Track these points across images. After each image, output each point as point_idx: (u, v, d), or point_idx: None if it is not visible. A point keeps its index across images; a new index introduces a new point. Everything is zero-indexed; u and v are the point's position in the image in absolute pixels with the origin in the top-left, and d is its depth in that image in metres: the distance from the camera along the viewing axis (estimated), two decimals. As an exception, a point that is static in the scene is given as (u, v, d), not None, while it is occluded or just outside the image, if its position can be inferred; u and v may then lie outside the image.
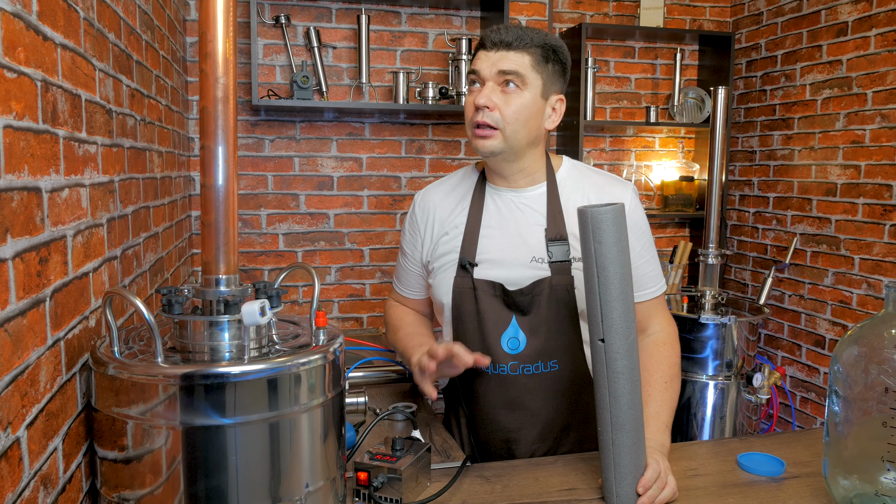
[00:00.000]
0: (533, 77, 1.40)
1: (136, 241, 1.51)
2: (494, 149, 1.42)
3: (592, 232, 1.13)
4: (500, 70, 1.39)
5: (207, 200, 0.99)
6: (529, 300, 1.43)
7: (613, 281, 1.13)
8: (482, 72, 1.41)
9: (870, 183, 2.81)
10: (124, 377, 0.92)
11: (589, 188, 1.51)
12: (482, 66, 1.41)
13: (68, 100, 1.02)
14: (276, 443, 0.96)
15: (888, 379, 1.08)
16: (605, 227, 1.12)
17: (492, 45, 1.41)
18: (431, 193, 1.61)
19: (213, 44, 0.97)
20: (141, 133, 1.59)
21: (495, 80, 1.40)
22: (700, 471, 1.35)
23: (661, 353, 1.47)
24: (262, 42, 3.03)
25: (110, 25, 1.32)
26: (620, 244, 1.13)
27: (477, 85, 1.43)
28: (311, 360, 0.99)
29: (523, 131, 1.42)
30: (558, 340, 1.45)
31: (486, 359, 1.33)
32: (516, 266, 1.45)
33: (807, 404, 3.15)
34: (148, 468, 0.93)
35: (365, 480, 1.20)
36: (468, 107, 1.44)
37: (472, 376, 1.49)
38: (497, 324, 1.44)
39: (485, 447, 1.54)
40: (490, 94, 1.39)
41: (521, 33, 1.40)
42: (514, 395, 1.47)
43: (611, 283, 1.13)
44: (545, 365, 1.45)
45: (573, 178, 1.52)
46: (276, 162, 3.10)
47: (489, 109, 1.39)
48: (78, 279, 1.04)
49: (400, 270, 1.66)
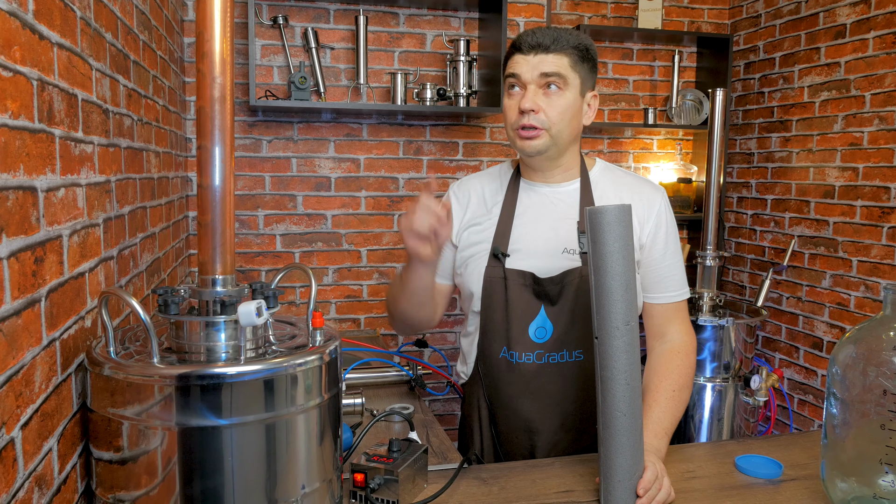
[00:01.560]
0: (572, 77, 1.44)
1: (133, 241, 1.50)
2: (541, 148, 1.46)
3: (598, 230, 1.13)
4: (543, 73, 1.42)
5: (204, 201, 0.99)
6: (559, 289, 1.46)
7: (615, 279, 1.13)
8: (523, 75, 1.44)
9: (868, 185, 2.81)
10: (120, 377, 0.92)
11: (621, 188, 1.55)
12: (522, 70, 1.44)
13: (65, 99, 1.01)
14: (272, 444, 0.96)
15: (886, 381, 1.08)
16: (609, 226, 1.13)
17: (529, 48, 1.44)
18: (469, 181, 1.65)
19: (210, 43, 0.97)
20: (138, 133, 1.59)
21: (537, 83, 1.43)
22: (697, 473, 1.35)
23: (674, 363, 1.47)
24: (260, 43, 3.02)
25: (107, 25, 1.31)
26: (624, 243, 1.13)
27: (516, 89, 1.46)
28: (308, 361, 0.98)
29: (567, 130, 1.46)
30: (584, 330, 1.47)
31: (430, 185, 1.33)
32: (548, 256, 1.48)
33: (804, 406, 3.15)
34: (143, 469, 0.92)
35: (361, 482, 1.20)
36: (510, 110, 1.47)
37: (497, 367, 1.51)
38: (525, 313, 1.47)
39: (506, 440, 1.55)
40: (534, 97, 1.43)
41: (557, 35, 1.43)
42: (538, 384, 1.48)
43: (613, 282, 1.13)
44: (570, 354, 1.47)
45: (606, 177, 1.57)
46: (274, 163, 3.10)
47: (534, 112, 1.43)
48: (74, 279, 1.03)
49: None
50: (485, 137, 3.31)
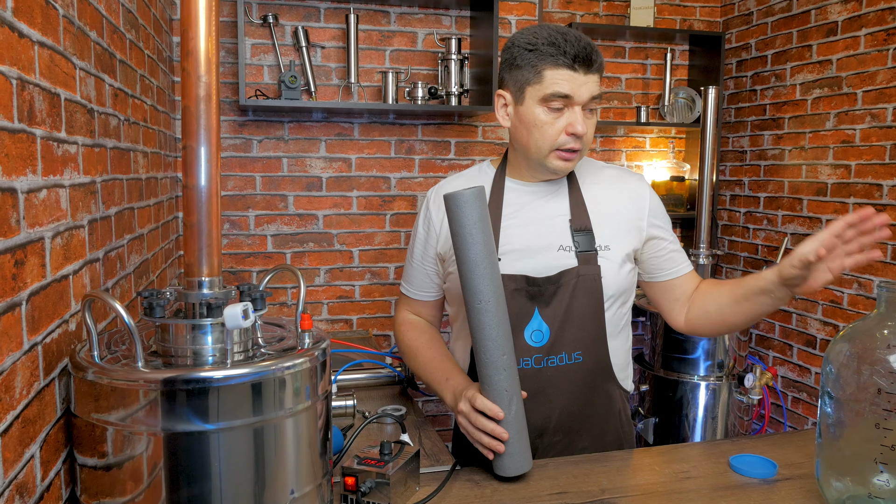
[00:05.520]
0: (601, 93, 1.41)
1: (120, 242, 1.48)
2: (573, 167, 1.45)
3: (455, 214, 1.23)
4: (592, 97, 1.37)
5: (190, 201, 0.97)
6: (554, 290, 1.43)
7: (472, 252, 1.23)
8: (577, 98, 1.36)
9: (860, 182, 2.81)
10: (104, 382, 0.90)
11: (608, 180, 1.54)
12: (578, 92, 1.35)
13: (46, 99, 1.00)
14: (260, 448, 0.94)
15: (881, 380, 1.07)
16: (466, 210, 1.22)
17: (580, 63, 1.35)
18: (447, 187, 1.58)
19: (195, 42, 0.95)
20: (125, 133, 1.57)
21: (583, 104, 1.37)
22: (692, 473, 1.34)
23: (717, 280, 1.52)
24: (250, 42, 3.00)
25: (92, 23, 1.29)
26: (482, 226, 1.23)
27: (560, 108, 1.37)
28: (296, 364, 0.97)
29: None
30: (582, 331, 1.45)
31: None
32: (543, 254, 1.45)
33: (798, 404, 3.15)
34: (129, 476, 0.91)
35: (352, 485, 1.18)
36: (551, 128, 1.39)
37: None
38: (519, 318, 1.43)
39: None
40: (584, 119, 1.37)
41: (592, 47, 1.36)
42: (539, 388, 1.46)
43: (477, 253, 1.23)
44: (569, 357, 1.45)
45: (590, 171, 1.55)
46: (265, 163, 3.08)
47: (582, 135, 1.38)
48: (57, 282, 1.02)
49: (411, 272, 1.61)
50: (477, 136, 3.30)
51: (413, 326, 1.62)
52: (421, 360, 1.54)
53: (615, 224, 1.48)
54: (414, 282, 1.61)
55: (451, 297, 1.57)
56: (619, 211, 1.50)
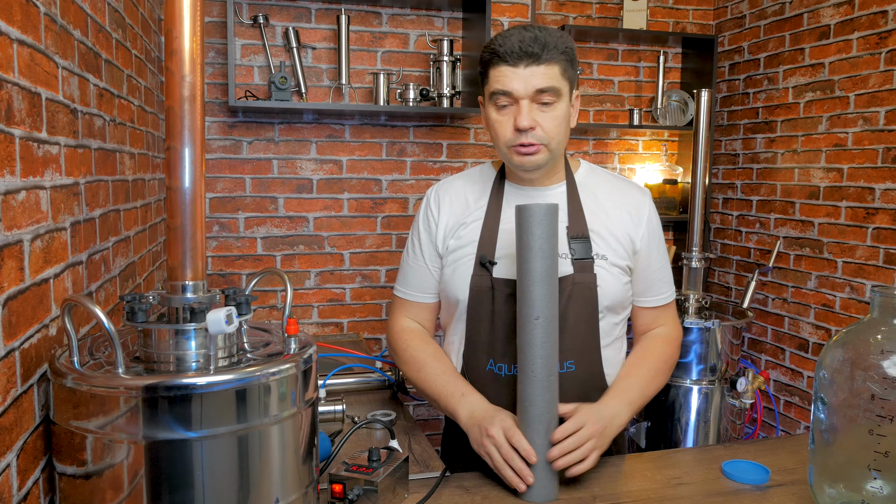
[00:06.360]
0: (563, 85, 1.37)
1: (105, 245, 1.46)
2: (540, 163, 1.40)
3: (523, 226, 1.24)
4: (537, 89, 1.34)
5: (173, 204, 0.95)
6: None
7: (538, 266, 1.24)
8: (515, 92, 1.35)
9: (852, 186, 2.81)
10: (83, 389, 0.88)
11: (609, 191, 1.51)
12: (515, 87, 1.34)
13: (26, 98, 0.97)
14: (244, 457, 0.92)
15: (874, 385, 1.06)
16: (535, 224, 1.23)
17: (517, 59, 1.33)
18: (448, 185, 1.58)
19: (180, 41, 0.93)
20: (111, 134, 1.54)
21: (530, 98, 1.35)
22: (684, 479, 1.33)
23: (656, 346, 1.51)
24: (240, 42, 2.98)
25: (76, 22, 1.27)
26: (548, 241, 1.24)
27: (506, 105, 1.37)
28: (282, 370, 0.95)
29: (563, 139, 1.42)
30: (576, 340, 1.42)
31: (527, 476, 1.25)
32: None
33: (790, 408, 3.14)
34: (109, 485, 0.89)
35: (340, 493, 1.16)
36: (502, 127, 1.38)
37: (485, 380, 1.45)
38: (513, 323, 1.39)
39: None
40: (529, 113, 1.35)
41: (544, 41, 1.34)
42: None
43: (536, 266, 1.24)
44: (561, 365, 1.41)
45: (592, 179, 1.53)
46: (254, 164, 3.05)
47: (531, 129, 1.36)
48: (36, 286, 0.99)
49: (408, 272, 1.57)
50: (469, 138, 3.28)
51: (415, 335, 1.56)
52: (429, 373, 1.48)
53: (613, 234, 1.46)
54: (413, 283, 1.57)
55: (445, 298, 1.54)
56: (618, 222, 1.48)
